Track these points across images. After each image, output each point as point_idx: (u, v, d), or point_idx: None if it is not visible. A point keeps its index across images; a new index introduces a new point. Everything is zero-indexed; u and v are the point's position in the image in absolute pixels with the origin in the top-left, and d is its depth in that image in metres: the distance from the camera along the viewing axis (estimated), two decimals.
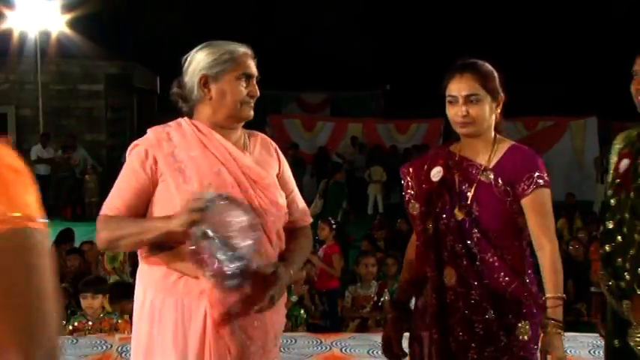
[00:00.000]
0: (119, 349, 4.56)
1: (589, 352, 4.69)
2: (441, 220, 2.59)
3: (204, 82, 2.41)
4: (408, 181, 2.74)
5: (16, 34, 15.37)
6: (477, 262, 2.53)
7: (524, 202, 2.52)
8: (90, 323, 5.05)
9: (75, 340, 4.81)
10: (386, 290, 6.26)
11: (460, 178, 2.61)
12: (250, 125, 2.59)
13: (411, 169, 2.76)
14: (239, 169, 2.40)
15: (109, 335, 4.90)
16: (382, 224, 9.15)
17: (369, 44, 23.76)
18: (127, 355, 4.41)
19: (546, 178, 2.55)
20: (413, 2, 24.25)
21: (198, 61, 2.43)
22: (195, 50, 2.47)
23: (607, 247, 2.60)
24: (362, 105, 22.56)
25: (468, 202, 2.56)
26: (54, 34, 16.03)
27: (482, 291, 2.52)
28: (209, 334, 2.31)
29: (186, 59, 2.48)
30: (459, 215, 2.55)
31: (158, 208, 2.37)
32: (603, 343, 2.83)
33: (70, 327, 5.09)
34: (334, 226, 7.54)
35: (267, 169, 2.50)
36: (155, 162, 2.37)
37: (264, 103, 2.85)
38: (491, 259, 2.52)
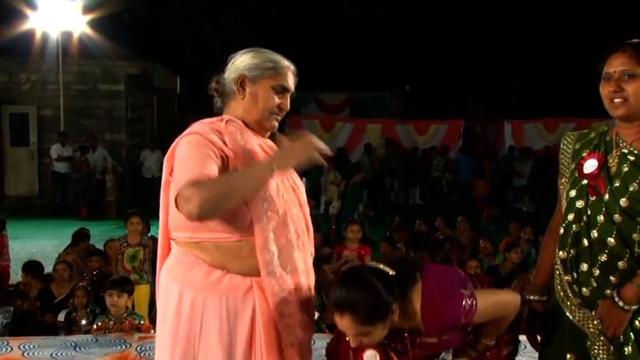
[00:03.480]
0: (138, 348, 4.57)
1: None
2: None
3: (242, 81, 2.44)
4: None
5: (38, 35, 15.51)
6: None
7: None
8: (111, 323, 5.10)
9: (95, 339, 4.84)
10: None
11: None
12: None
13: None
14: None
15: (128, 334, 4.92)
16: (402, 226, 9.10)
17: (388, 45, 23.68)
18: (146, 354, 4.43)
19: None
20: (433, 3, 24.14)
21: (241, 60, 2.47)
22: (242, 52, 2.52)
23: (572, 252, 2.50)
24: (381, 106, 22.51)
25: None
26: (75, 35, 16.15)
27: None
28: (258, 330, 2.30)
29: (231, 58, 2.52)
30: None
31: None
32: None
33: (95, 326, 5.15)
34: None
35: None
36: (222, 149, 2.32)
37: None
38: None
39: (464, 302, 2.46)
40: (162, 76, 18.15)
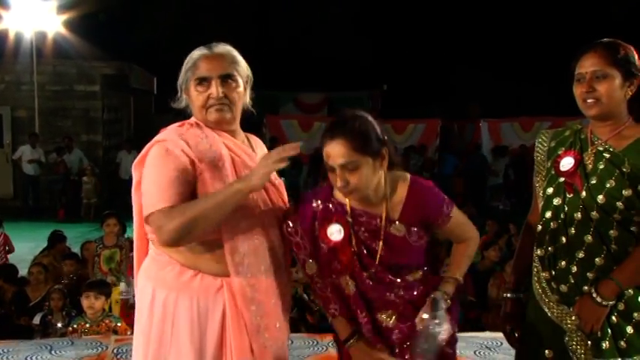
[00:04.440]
0: (115, 350, 4.54)
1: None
2: None
3: (182, 91, 2.47)
4: None
5: (11, 35, 15.34)
6: None
7: None
8: (87, 325, 5.06)
9: (71, 342, 4.80)
10: None
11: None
12: (247, 126, 2.59)
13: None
14: None
15: (105, 337, 4.89)
16: None
17: (366, 44, 23.73)
18: (123, 356, 4.40)
19: None
20: (410, 3, 24.24)
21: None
22: None
23: (550, 249, 2.53)
24: (359, 105, 22.50)
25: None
26: (50, 35, 15.99)
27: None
28: (229, 331, 2.30)
29: None
30: None
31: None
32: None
33: (70, 328, 5.11)
34: None
35: None
36: (190, 157, 2.29)
37: (262, 103, 2.81)
38: None
39: (445, 197, 2.52)
40: (139, 76, 18.04)
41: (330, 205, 2.47)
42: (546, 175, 2.62)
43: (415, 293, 2.47)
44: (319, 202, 2.48)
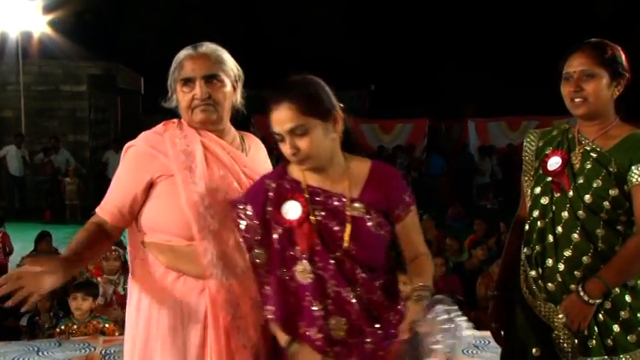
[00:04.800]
0: (103, 351, 4.52)
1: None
2: None
3: (172, 93, 2.47)
4: None
5: None
6: None
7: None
8: (75, 326, 5.03)
9: (59, 344, 4.77)
10: None
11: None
12: (236, 125, 2.58)
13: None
14: (240, 171, 2.41)
15: (93, 338, 4.87)
16: None
17: (354, 44, 23.77)
18: (111, 357, 4.38)
19: None
20: (398, 3, 24.28)
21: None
22: None
23: (538, 247, 2.54)
24: (347, 105, 22.49)
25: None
26: (35, 35, 15.90)
27: None
28: (210, 333, 2.29)
29: None
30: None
31: (158, 203, 2.35)
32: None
33: (58, 330, 5.08)
34: None
35: (263, 170, 2.49)
36: (157, 159, 2.35)
37: (250, 103, 2.79)
38: None
39: (408, 187, 2.36)
40: (126, 76, 17.96)
41: (285, 183, 2.27)
42: (534, 174, 2.64)
43: (375, 299, 2.20)
44: (271, 181, 2.28)
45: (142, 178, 2.35)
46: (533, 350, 2.55)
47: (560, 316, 2.47)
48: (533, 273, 2.56)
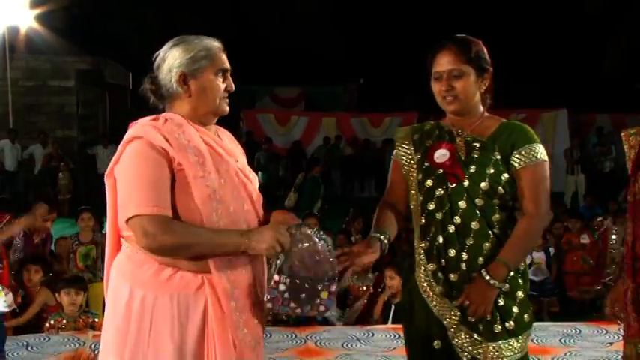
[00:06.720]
0: (92, 345, 4.53)
1: (559, 340, 4.78)
2: None
3: (183, 79, 2.38)
4: None
5: None
6: None
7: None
8: (65, 321, 5.04)
9: (48, 338, 4.78)
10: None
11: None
12: (224, 121, 2.59)
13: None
14: (236, 163, 2.44)
15: (82, 332, 4.88)
16: (356, 215, 9.11)
17: (342, 38, 23.77)
18: None
19: None
20: None
21: (174, 57, 2.39)
22: (168, 46, 2.43)
23: (439, 239, 2.57)
24: (336, 99, 22.57)
25: None
26: (22, 30, 15.81)
27: None
28: (211, 327, 2.30)
29: (158, 55, 2.44)
30: None
31: (174, 199, 2.30)
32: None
33: (47, 325, 5.08)
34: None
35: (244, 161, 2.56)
36: (168, 153, 2.28)
37: (238, 98, 2.81)
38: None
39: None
40: (114, 71, 17.90)
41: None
42: (418, 167, 2.67)
43: None
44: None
45: (166, 169, 2.29)
46: (434, 343, 2.61)
47: (458, 313, 2.53)
48: (431, 266, 2.59)
